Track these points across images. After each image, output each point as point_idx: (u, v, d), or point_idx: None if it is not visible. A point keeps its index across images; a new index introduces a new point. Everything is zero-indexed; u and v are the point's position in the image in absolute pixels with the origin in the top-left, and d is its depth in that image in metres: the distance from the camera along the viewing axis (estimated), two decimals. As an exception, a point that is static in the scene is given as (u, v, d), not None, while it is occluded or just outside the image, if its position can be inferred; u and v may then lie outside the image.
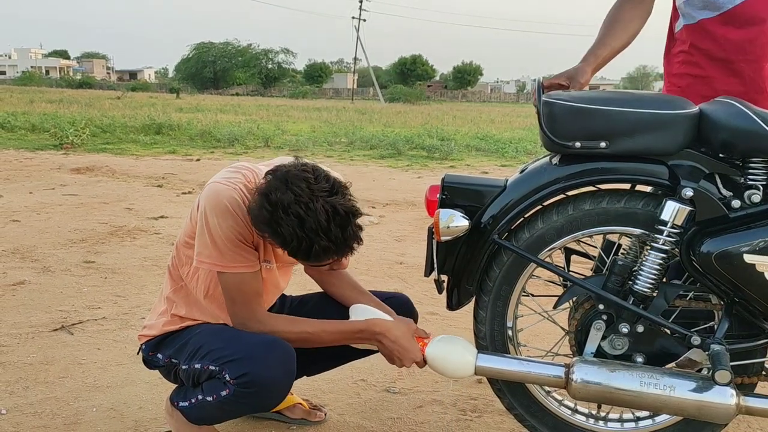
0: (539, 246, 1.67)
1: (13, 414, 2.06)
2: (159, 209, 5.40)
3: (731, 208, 1.53)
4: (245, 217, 1.57)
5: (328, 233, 1.45)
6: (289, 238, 1.44)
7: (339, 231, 1.46)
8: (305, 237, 1.44)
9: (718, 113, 1.52)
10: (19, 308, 2.99)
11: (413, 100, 42.75)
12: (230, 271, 1.61)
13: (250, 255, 1.63)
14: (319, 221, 1.43)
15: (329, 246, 1.46)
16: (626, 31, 1.97)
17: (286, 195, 1.43)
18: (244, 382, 1.55)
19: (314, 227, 1.43)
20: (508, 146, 11.72)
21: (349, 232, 1.48)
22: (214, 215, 1.57)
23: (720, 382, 1.50)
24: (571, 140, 1.56)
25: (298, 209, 1.43)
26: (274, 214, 1.44)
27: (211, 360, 1.61)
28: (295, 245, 1.45)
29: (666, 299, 1.62)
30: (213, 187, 1.61)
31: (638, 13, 1.97)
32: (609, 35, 1.96)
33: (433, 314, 3.05)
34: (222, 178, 1.63)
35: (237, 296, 1.63)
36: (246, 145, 11.04)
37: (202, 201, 1.62)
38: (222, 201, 1.57)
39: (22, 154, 9.06)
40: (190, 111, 19.56)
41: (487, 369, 1.66)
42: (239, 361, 1.56)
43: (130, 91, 40.75)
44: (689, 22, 1.97)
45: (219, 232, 1.57)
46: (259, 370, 1.55)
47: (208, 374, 1.62)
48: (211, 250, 1.58)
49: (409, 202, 6.08)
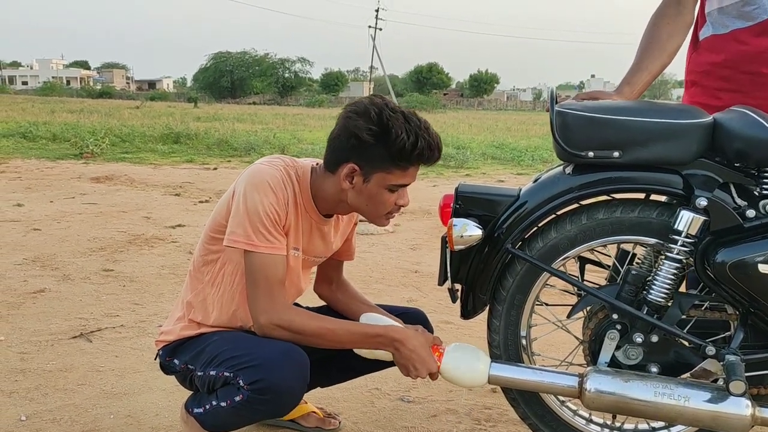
0: (553, 255, 1.67)
1: (33, 421, 2.09)
2: (176, 218, 5.46)
3: (746, 218, 1.52)
4: (284, 196, 1.64)
5: (428, 129, 1.59)
6: (400, 131, 1.55)
7: (432, 131, 1.61)
8: (411, 131, 1.56)
9: (732, 122, 1.51)
10: (39, 316, 3.04)
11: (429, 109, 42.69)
12: (259, 251, 1.61)
13: (281, 237, 1.65)
14: (419, 119, 1.60)
15: (430, 141, 1.59)
16: (664, 50, 1.86)
17: (386, 102, 1.60)
18: (258, 388, 1.57)
19: (418, 124, 1.58)
20: (525, 154, 11.70)
21: (437, 135, 1.63)
22: (254, 191, 1.61)
23: (735, 393, 1.49)
24: (584, 150, 1.57)
25: (401, 110, 1.60)
26: (383, 112, 1.56)
27: (227, 367, 1.62)
28: (405, 138, 1.55)
29: (681, 309, 1.61)
30: (254, 168, 1.67)
31: (677, 27, 1.86)
32: (645, 58, 1.86)
33: (447, 323, 3.05)
34: (264, 161, 1.70)
35: (261, 280, 1.63)
36: (262, 154, 11.08)
37: (241, 183, 1.65)
38: (264, 178, 1.63)
39: (43, 163, 9.20)
40: (208, 120, 19.72)
41: (501, 378, 1.66)
42: (254, 367, 1.58)
43: (149, 101, 41.19)
44: (720, 31, 1.88)
45: (257, 208, 1.60)
46: (273, 377, 1.56)
47: (223, 381, 1.63)
48: (245, 227, 1.60)
49: (425, 211, 6.09)
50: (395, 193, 1.65)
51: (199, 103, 39.01)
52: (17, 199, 6.08)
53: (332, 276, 1.97)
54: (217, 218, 1.72)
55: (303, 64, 67.24)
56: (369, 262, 4.18)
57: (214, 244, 1.73)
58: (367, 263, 4.13)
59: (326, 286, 1.99)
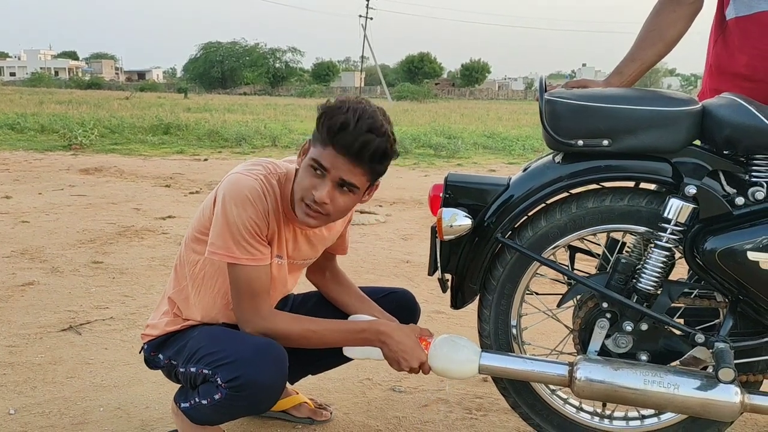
0: (543, 244, 1.67)
1: (21, 414, 2.08)
2: (167, 209, 5.43)
3: (735, 206, 1.52)
4: (264, 208, 1.61)
5: (368, 130, 1.51)
6: (338, 113, 1.51)
7: (364, 130, 1.53)
8: (349, 119, 1.50)
9: (721, 110, 1.51)
10: (28, 309, 3.01)
11: (421, 98, 42.68)
12: (242, 264, 1.61)
13: (263, 248, 1.63)
14: (370, 118, 1.52)
15: (357, 135, 1.51)
16: (662, 39, 1.79)
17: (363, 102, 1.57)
18: (235, 385, 1.56)
19: (360, 118, 1.51)
20: (516, 144, 11.71)
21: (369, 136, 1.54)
22: (233, 204, 1.58)
23: (724, 380, 1.49)
24: (573, 138, 1.56)
25: (350, 104, 1.54)
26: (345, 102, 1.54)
27: (205, 364, 1.62)
28: (336, 119, 1.51)
29: (670, 297, 1.61)
30: (233, 177, 1.63)
31: (680, 15, 1.79)
32: (640, 47, 1.80)
33: (439, 313, 3.05)
34: (243, 169, 1.65)
35: (245, 290, 1.63)
36: (253, 145, 11.07)
37: (221, 191, 1.62)
38: (242, 191, 1.59)
39: (31, 155, 9.12)
40: (198, 111, 19.61)
41: (491, 368, 1.65)
42: (231, 364, 1.57)
43: (138, 92, 40.87)
44: (744, 12, 1.76)
45: (236, 222, 1.58)
46: (250, 373, 1.55)
47: (203, 377, 1.63)
48: (226, 240, 1.59)
49: (416, 201, 6.08)
50: (314, 178, 1.58)
51: (189, 93, 38.78)
52: (5, 191, 6.03)
53: (325, 266, 1.97)
54: (201, 219, 1.71)
55: (294, 54, 67.08)
56: (360, 252, 4.17)
57: (198, 244, 1.72)
58: (359, 254, 4.12)
59: (320, 275, 1.98)
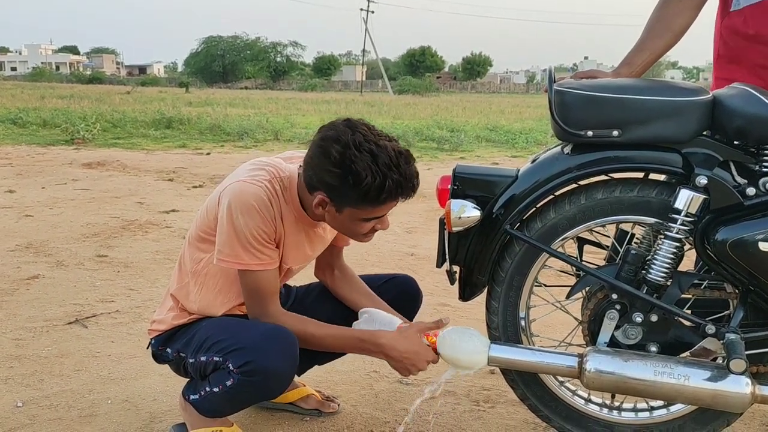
0: (552, 236, 1.66)
1: (29, 407, 2.08)
2: (170, 203, 5.42)
3: (746, 196, 1.51)
4: (271, 215, 1.61)
5: (398, 167, 1.49)
6: (364, 174, 1.46)
7: (406, 167, 1.51)
8: (379, 172, 1.47)
9: (732, 100, 1.50)
10: (34, 302, 3.02)
11: (422, 92, 42.59)
12: (251, 269, 1.62)
13: (271, 252, 1.64)
14: (390, 156, 1.49)
15: (400, 180, 1.50)
16: (669, 29, 1.80)
17: (356, 135, 1.48)
18: (247, 370, 1.57)
19: (387, 162, 1.48)
20: (519, 137, 11.67)
21: (413, 169, 1.54)
22: (239, 213, 1.58)
23: (735, 371, 1.49)
24: (582, 129, 1.55)
25: (369, 146, 1.48)
26: (347, 152, 1.47)
27: (215, 351, 1.63)
28: (370, 182, 1.47)
29: (680, 288, 1.61)
30: (238, 186, 1.61)
31: (686, 5, 1.79)
32: (648, 38, 1.80)
33: (444, 305, 3.05)
34: (247, 176, 1.63)
35: (255, 293, 1.66)
36: (255, 139, 11.04)
37: (225, 198, 1.61)
38: (248, 200, 1.58)
39: (34, 149, 9.12)
40: (200, 105, 19.59)
41: (500, 359, 1.65)
42: (242, 350, 1.58)
43: (139, 86, 40.90)
44: (753, 0, 1.75)
45: (244, 231, 1.58)
46: (261, 359, 1.57)
47: (214, 365, 1.64)
48: (234, 248, 1.59)
49: (420, 194, 6.04)
50: (372, 221, 1.60)
51: (190, 88, 38.66)
52: (9, 186, 6.03)
53: (333, 262, 1.97)
54: (205, 220, 1.71)
55: (295, 47, 66.99)
56: (365, 245, 4.15)
57: (203, 243, 1.72)
58: (363, 247, 4.11)
59: (328, 272, 1.98)
